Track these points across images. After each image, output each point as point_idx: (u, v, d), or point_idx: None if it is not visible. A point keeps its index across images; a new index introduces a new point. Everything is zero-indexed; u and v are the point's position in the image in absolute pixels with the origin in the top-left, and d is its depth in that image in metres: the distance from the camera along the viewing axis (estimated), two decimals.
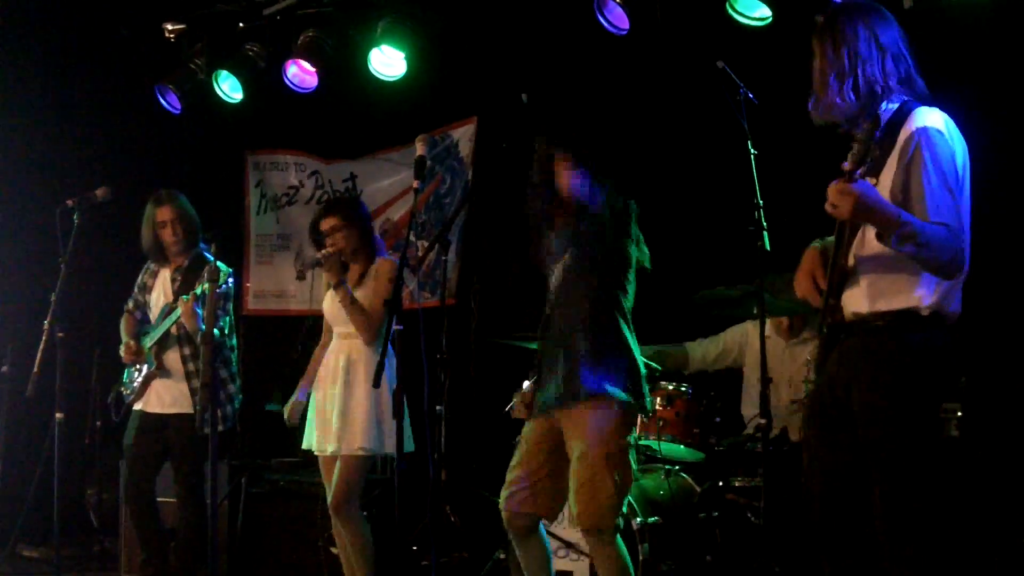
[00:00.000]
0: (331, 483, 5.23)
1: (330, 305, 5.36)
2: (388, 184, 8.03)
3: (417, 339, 4.76)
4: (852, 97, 3.38)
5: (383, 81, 7.07)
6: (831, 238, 3.60)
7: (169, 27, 7.43)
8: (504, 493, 4.42)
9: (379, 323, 5.14)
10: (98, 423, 7.18)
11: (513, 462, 4.47)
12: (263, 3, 7.21)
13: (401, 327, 4.22)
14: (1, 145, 7.77)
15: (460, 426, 6.44)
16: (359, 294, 5.27)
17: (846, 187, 3.14)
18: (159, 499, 5.74)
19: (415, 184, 4.50)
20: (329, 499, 5.25)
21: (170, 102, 7.47)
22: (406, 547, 6.25)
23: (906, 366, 3.30)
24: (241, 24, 7.27)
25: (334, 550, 5.73)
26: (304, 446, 5.34)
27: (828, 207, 3.21)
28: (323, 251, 5.27)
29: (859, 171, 3.14)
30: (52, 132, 7.94)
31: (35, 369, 5.38)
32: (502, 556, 5.76)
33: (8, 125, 7.76)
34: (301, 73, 7.19)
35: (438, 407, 5.96)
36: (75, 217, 5.52)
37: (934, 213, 3.22)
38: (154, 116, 7.62)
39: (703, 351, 6.09)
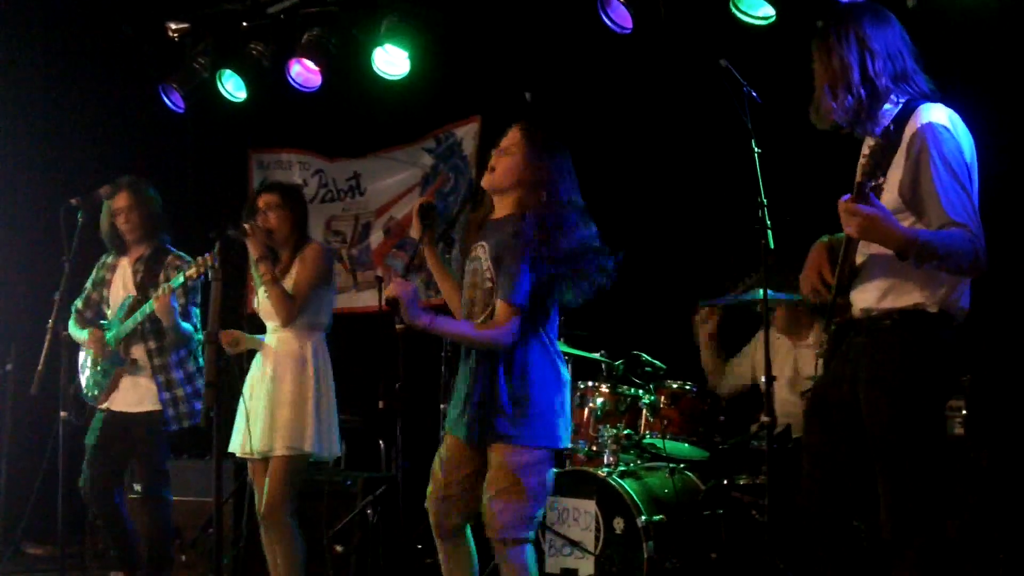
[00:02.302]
0: (262, 487, 5.01)
1: (263, 301, 5.12)
2: (392, 182, 8.05)
3: (419, 338, 4.75)
4: (848, 102, 3.40)
5: (387, 80, 7.07)
6: (840, 234, 3.60)
7: (173, 26, 7.43)
8: None
9: (299, 308, 5.01)
10: None
11: None
12: (267, 2, 7.21)
13: (404, 326, 4.22)
14: (5, 144, 7.78)
15: None
16: (287, 282, 5.07)
17: (853, 208, 3.15)
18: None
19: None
20: (258, 504, 5.04)
21: (174, 101, 7.47)
22: (410, 545, 6.25)
23: (913, 364, 3.31)
24: (245, 23, 7.27)
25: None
26: (230, 449, 5.07)
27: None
28: (249, 223, 5.04)
29: (870, 183, 3.15)
30: (55, 131, 7.93)
31: (39, 367, 5.38)
32: None
33: (12, 124, 7.77)
34: (305, 72, 7.19)
35: (442, 405, 5.98)
36: (79, 216, 5.50)
37: (951, 212, 3.23)
38: (158, 115, 7.62)
39: (729, 373, 5.99)
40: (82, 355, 5.75)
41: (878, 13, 3.50)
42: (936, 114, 3.33)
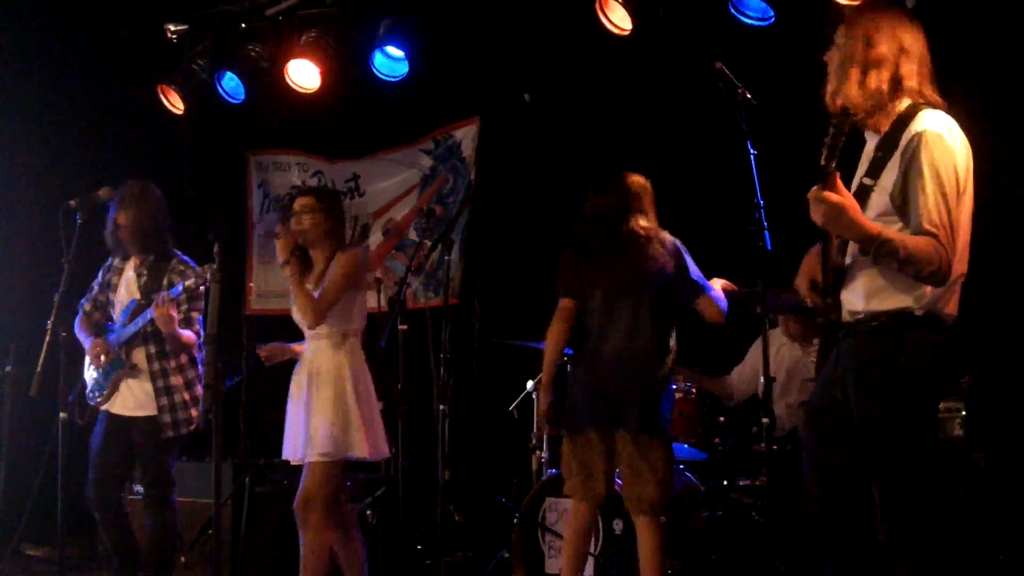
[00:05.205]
0: None
1: (293, 307, 5.19)
2: (391, 184, 8.04)
3: (420, 339, 4.76)
4: (873, 90, 3.41)
5: (385, 81, 7.07)
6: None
7: (171, 28, 7.44)
8: None
9: (325, 309, 5.01)
10: None
11: None
12: (265, 3, 7.22)
13: (406, 327, 4.22)
14: (4, 146, 7.78)
15: (463, 426, 6.45)
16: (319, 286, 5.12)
17: (820, 195, 3.19)
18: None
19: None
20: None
21: (172, 102, 7.47)
22: (410, 546, 6.25)
23: (900, 366, 3.30)
24: (243, 24, 7.27)
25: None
26: (283, 456, 5.18)
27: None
28: (280, 226, 5.14)
29: (832, 164, 3.18)
30: (55, 133, 7.94)
31: (38, 369, 5.37)
32: (506, 555, 5.77)
33: (11, 126, 7.77)
34: (303, 73, 7.19)
35: (441, 406, 5.98)
36: (78, 217, 5.49)
37: (925, 219, 3.23)
38: (156, 116, 7.62)
39: (739, 379, 5.98)
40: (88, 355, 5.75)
41: (910, 18, 3.54)
42: (934, 121, 3.33)
